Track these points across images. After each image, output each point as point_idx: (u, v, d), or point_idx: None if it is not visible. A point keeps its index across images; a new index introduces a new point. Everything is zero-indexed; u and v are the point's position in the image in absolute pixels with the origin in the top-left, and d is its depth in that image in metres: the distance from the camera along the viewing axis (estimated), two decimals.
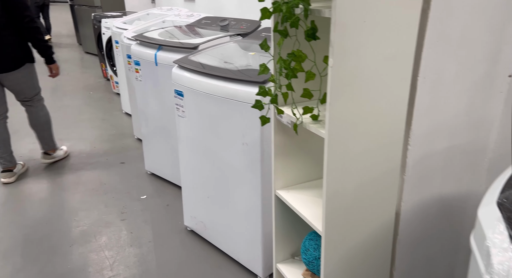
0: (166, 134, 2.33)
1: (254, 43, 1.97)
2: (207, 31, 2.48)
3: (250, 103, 1.44)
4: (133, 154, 2.93)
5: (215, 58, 1.87)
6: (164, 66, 2.14)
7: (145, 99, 2.38)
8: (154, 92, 2.29)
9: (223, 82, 1.53)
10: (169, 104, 2.22)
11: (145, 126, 2.48)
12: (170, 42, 2.14)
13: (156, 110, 2.33)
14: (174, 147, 2.31)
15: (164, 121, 2.30)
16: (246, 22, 2.40)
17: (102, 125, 3.52)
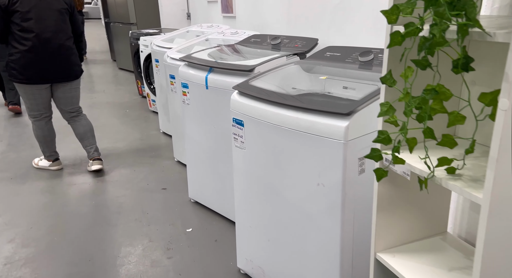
0: (215, 162, 2.15)
1: (317, 64, 1.77)
2: (258, 50, 2.31)
3: (331, 138, 1.23)
4: (174, 179, 2.77)
5: (279, 83, 1.68)
6: (216, 90, 1.98)
7: (193, 124, 2.22)
8: (204, 117, 2.12)
9: (295, 112, 1.34)
10: (221, 131, 2.05)
11: (191, 151, 2.32)
12: (222, 64, 1.98)
13: (205, 136, 2.16)
14: (224, 176, 2.12)
15: (213, 148, 2.13)
16: (301, 40, 2.22)
17: (140, 146, 3.41)
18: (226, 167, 2.09)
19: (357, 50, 1.73)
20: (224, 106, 1.97)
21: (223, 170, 2.12)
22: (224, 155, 2.08)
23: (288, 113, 1.35)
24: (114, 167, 3.01)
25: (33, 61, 2.53)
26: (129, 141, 3.54)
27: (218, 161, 2.13)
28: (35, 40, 2.51)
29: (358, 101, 1.25)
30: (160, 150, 3.30)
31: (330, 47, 1.87)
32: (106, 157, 3.19)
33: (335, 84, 1.68)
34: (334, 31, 2.20)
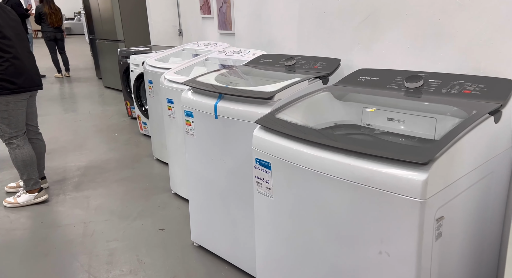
0: (225, 202, 1.84)
1: (351, 91, 1.50)
2: (272, 73, 2.03)
3: (401, 195, 0.95)
4: (173, 216, 2.44)
5: (310, 114, 1.40)
6: (227, 120, 1.69)
7: (199, 157, 1.92)
8: (212, 151, 1.82)
9: (346, 157, 1.05)
10: (233, 167, 1.74)
11: (195, 187, 2.00)
12: (234, 90, 1.70)
13: (214, 172, 1.86)
14: (237, 219, 1.81)
15: (224, 186, 1.82)
16: (320, 61, 1.96)
17: (133, 176, 3.06)
18: (239, 208, 1.78)
19: (400, 74, 1.47)
20: (238, 139, 1.68)
21: (236, 212, 1.81)
22: (237, 194, 1.77)
23: (336, 158, 1.07)
24: (104, 202, 2.65)
25: (21, 67, 2.49)
26: (119, 169, 3.19)
27: (230, 201, 1.82)
28: (16, 46, 2.47)
29: (437, 145, 0.97)
30: (155, 180, 2.97)
31: (363, 70, 1.61)
32: (94, 190, 2.84)
33: (377, 116, 1.41)
34: (358, 50, 1.95)
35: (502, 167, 1.23)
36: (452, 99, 1.26)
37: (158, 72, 2.89)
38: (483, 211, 1.19)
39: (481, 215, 1.19)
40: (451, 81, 1.33)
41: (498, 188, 1.25)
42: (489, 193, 1.20)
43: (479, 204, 1.15)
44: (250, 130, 1.61)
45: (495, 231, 1.32)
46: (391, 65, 1.75)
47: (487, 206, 1.21)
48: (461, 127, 1.02)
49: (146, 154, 3.51)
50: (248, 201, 1.71)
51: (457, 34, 1.45)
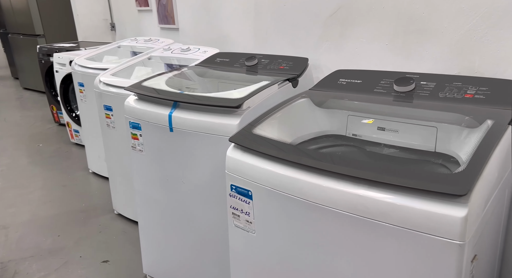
0: (187, 229, 1.55)
1: (331, 97, 1.29)
2: (230, 74, 1.77)
3: (434, 235, 0.75)
4: (119, 243, 2.08)
5: (294, 127, 1.17)
6: (186, 133, 1.39)
7: (150, 178, 1.59)
8: (167, 170, 1.51)
9: (354, 186, 0.83)
10: (196, 190, 1.45)
11: (146, 212, 1.68)
12: (193, 97, 1.41)
13: (169, 195, 1.55)
14: (202, 250, 1.53)
15: (183, 210, 1.52)
16: (285, 60, 1.73)
17: (64, 195, 2.60)
18: (204, 236, 1.50)
19: (385, 75, 1.30)
20: (200, 155, 1.40)
21: (200, 240, 1.52)
22: (202, 220, 1.49)
23: (342, 187, 0.85)
24: (27, 233, 2.19)
25: None
26: (47, 188, 2.71)
27: (191, 228, 1.53)
28: None
29: (471, 168, 0.78)
30: (93, 199, 2.55)
31: (342, 71, 1.41)
32: (14, 217, 2.34)
33: (366, 125, 1.22)
34: (326, 48, 1.75)
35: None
36: (453, 105, 1.10)
37: (91, 74, 2.47)
38: (497, 231, 1.06)
39: (496, 236, 1.06)
40: (447, 84, 1.18)
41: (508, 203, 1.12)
42: (503, 211, 1.07)
43: (495, 226, 1.02)
44: (215, 145, 1.34)
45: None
46: (366, 66, 1.58)
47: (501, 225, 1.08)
48: (489, 143, 0.85)
49: (80, 167, 3.04)
50: (217, 228, 1.44)
51: (445, 30, 1.31)
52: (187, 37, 2.80)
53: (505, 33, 1.19)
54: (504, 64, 1.20)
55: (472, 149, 0.87)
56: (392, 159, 1.14)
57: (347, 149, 1.24)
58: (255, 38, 2.13)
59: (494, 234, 1.07)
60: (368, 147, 1.21)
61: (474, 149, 0.84)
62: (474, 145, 0.90)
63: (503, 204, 1.10)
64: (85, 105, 2.70)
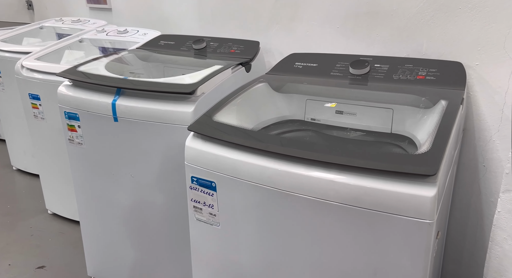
0: (136, 227, 1.43)
1: (288, 81, 1.26)
2: (177, 58, 1.65)
3: (405, 216, 0.75)
4: (56, 246, 1.88)
5: (253, 113, 1.12)
6: (134, 123, 1.27)
7: (93, 173, 1.44)
8: (114, 164, 1.37)
9: (324, 171, 0.81)
10: (147, 184, 1.34)
11: (89, 210, 1.52)
12: (140, 83, 1.28)
13: (118, 191, 1.41)
14: (156, 248, 1.43)
15: (132, 208, 1.40)
16: (235, 44, 1.66)
17: None
18: (157, 233, 1.40)
19: (341, 59, 1.29)
20: (151, 147, 1.29)
21: (151, 237, 1.42)
22: (153, 217, 1.38)
23: (312, 173, 0.82)
24: None
25: None
26: None
27: (142, 225, 1.42)
28: None
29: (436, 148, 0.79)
30: (21, 199, 2.28)
31: (296, 55, 1.38)
32: None
33: (324, 109, 1.20)
34: (277, 31, 1.71)
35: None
36: (407, 86, 1.13)
37: (9, 58, 2.16)
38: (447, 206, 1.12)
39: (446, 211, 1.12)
40: (399, 66, 1.21)
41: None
42: (451, 186, 1.14)
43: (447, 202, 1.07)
44: (167, 135, 1.24)
45: None
46: (318, 49, 1.56)
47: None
48: (447, 123, 0.88)
49: (1, 164, 2.70)
50: (172, 224, 1.35)
51: (395, 13, 1.33)
52: (122, 19, 2.58)
53: (450, 16, 1.24)
54: (449, 46, 1.25)
55: (431, 129, 0.89)
56: (351, 142, 1.14)
57: (307, 133, 1.22)
58: (200, 20, 2.02)
59: (446, 209, 1.13)
60: (327, 130, 1.20)
61: (435, 130, 0.86)
62: (432, 125, 0.93)
63: (452, 179, 1.16)
64: (4, 95, 2.37)
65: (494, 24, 1.15)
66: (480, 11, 1.18)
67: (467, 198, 1.28)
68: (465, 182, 1.26)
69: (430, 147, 0.80)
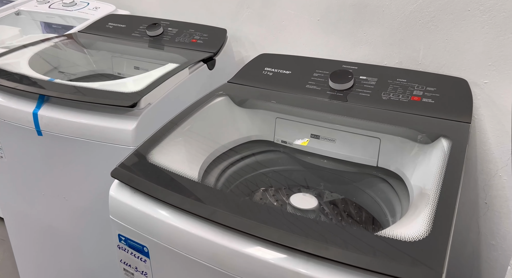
0: (70, 257, 1.22)
1: (252, 95, 1.01)
2: (127, 48, 1.36)
3: None
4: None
5: (214, 136, 0.89)
6: (61, 139, 1.02)
7: (19, 193, 1.20)
8: (43, 183, 1.13)
9: (290, 258, 0.60)
10: (82, 208, 1.12)
11: (19, 232, 1.30)
12: (68, 88, 1.01)
13: (50, 215, 1.18)
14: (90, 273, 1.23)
15: (66, 235, 1.18)
16: (199, 31, 1.38)
17: None
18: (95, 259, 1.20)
19: (319, 65, 1.04)
20: (84, 167, 1.05)
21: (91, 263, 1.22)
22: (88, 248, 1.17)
23: (269, 256, 0.61)
24: None
25: None
26: None
27: (76, 255, 1.21)
28: None
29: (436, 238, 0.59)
30: None
31: (267, 56, 1.12)
32: None
33: (298, 131, 0.98)
34: (247, 17, 1.43)
35: None
36: (398, 112, 0.91)
37: None
38: None
39: None
40: (390, 80, 0.98)
41: None
42: None
43: None
44: (104, 155, 1.00)
45: None
46: (294, 43, 1.30)
47: None
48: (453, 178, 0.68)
49: None
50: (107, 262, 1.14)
51: (387, 9, 1.08)
52: None
53: (455, 19, 1.00)
54: (452, 57, 1.03)
55: (432, 177, 0.70)
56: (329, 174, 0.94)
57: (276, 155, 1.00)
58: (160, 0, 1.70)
59: None
60: (300, 155, 0.99)
61: (439, 183, 0.66)
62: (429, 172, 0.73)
63: None
64: None
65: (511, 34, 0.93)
66: (495, 17, 0.95)
67: (462, 236, 1.11)
68: (461, 218, 1.09)
69: (430, 231, 0.59)
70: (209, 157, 0.88)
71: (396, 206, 0.80)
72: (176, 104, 1.12)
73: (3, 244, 1.72)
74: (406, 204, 0.76)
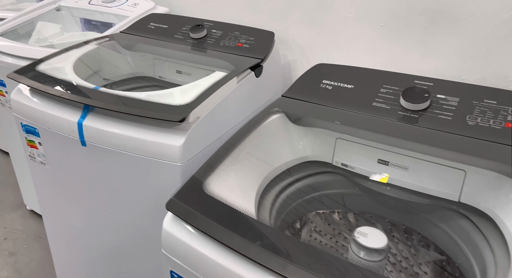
0: (114, 265, 1.19)
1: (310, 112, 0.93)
2: (169, 51, 1.30)
3: None
4: (32, 255, 1.67)
5: (269, 159, 0.83)
6: (106, 151, 0.97)
7: (60, 200, 1.17)
8: (85, 193, 1.10)
9: None
10: (125, 223, 1.07)
11: (59, 239, 1.28)
12: (114, 98, 0.96)
13: (90, 226, 1.15)
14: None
15: (108, 249, 1.15)
16: (245, 34, 1.30)
17: None
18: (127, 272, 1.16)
19: (386, 79, 0.94)
20: (128, 181, 1.00)
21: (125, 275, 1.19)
22: (126, 254, 1.13)
23: None
24: None
25: None
26: None
27: (116, 261, 1.18)
28: None
29: None
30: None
31: (324, 66, 1.03)
32: None
33: (363, 155, 0.89)
34: (296, 20, 1.33)
35: None
36: (488, 142, 0.81)
37: None
38: None
39: None
40: (476, 102, 0.87)
41: None
42: None
43: None
44: (149, 170, 0.95)
45: None
46: (350, 50, 1.20)
47: None
48: None
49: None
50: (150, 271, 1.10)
51: (471, 16, 0.97)
52: None
53: None
54: None
55: None
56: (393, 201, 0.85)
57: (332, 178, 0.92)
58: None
59: None
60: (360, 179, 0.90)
61: None
62: None
63: None
64: None
65: None
66: None
67: None
68: None
69: None
70: (264, 181, 0.81)
71: (484, 251, 0.71)
72: (223, 117, 1.05)
73: (41, 242, 1.73)
74: (501, 252, 0.66)
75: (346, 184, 0.89)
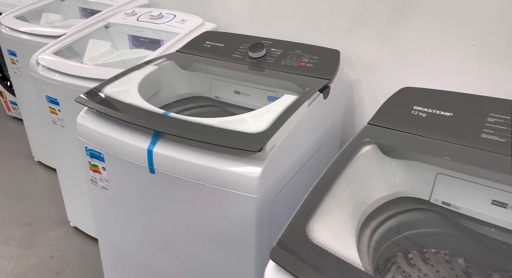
0: None
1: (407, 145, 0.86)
2: (227, 72, 1.26)
3: None
4: (78, 274, 1.64)
5: (366, 195, 0.76)
6: (175, 179, 0.93)
7: (119, 227, 1.13)
8: (148, 221, 1.06)
9: None
10: (188, 253, 1.02)
11: (116, 267, 1.24)
12: (187, 126, 0.91)
13: (150, 255, 1.11)
14: None
15: (170, 275, 1.10)
16: (307, 52, 1.24)
17: (5, 199, 2.06)
18: None
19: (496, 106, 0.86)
20: (197, 211, 0.95)
21: None
22: None
23: None
24: None
25: None
26: None
27: None
28: None
29: None
30: (42, 204, 2.03)
31: (413, 91, 0.96)
32: None
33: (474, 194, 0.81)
34: (363, 36, 1.27)
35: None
36: None
37: (27, 41, 1.82)
38: None
39: None
40: None
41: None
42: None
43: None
44: (223, 201, 0.90)
45: None
46: (434, 74, 1.12)
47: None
48: None
49: (22, 153, 2.45)
50: None
51: None
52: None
53: None
54: None
55: None
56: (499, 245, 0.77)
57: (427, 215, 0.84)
58: (252, 9, 1.58)
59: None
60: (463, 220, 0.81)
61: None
62: None
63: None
64: (21, 80, 2.06)
65: None
66: None
67: None
68: None
69: None
70: (359, 221, 0.74)
71: None
72: (295, 142, 1.00)
73: (87, 261, 1.70)
74: None
75: (443, 224, 0.81)
